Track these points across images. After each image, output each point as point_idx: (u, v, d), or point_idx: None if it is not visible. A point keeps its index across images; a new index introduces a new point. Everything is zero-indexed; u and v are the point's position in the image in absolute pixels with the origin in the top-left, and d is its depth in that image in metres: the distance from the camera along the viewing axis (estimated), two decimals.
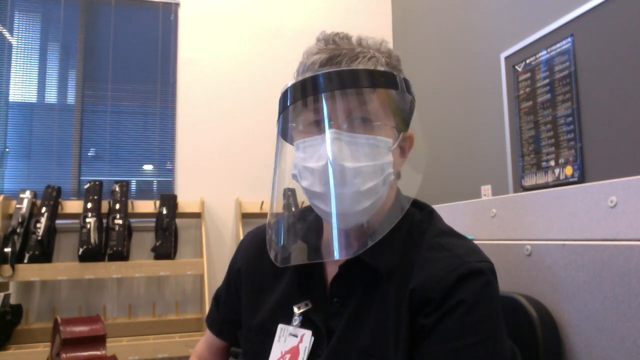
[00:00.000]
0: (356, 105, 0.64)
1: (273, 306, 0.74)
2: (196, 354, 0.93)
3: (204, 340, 0.92)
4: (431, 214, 0.74)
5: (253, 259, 0.82)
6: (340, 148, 0.62)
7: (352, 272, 0.68)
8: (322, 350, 0.67)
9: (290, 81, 0.66)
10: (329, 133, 0.62)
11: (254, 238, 0.85)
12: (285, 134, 0.72)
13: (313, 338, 0.68)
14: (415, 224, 0.71)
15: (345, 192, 0.62)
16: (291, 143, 0.71)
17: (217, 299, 0.90)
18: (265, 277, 0.78)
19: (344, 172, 0.61)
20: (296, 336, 0.69)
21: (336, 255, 0.66)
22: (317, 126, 0.65)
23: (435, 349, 0.60)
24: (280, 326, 0.71)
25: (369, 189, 0.63)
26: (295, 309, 0.71)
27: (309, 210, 0.77)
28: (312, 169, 0.64)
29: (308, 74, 0.64)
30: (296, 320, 0.70)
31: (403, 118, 0.70)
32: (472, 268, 0.62)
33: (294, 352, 0.68)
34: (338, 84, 0.62)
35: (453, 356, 0.59)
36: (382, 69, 0.65)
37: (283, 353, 0.69)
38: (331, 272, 0.72)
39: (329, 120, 0.63)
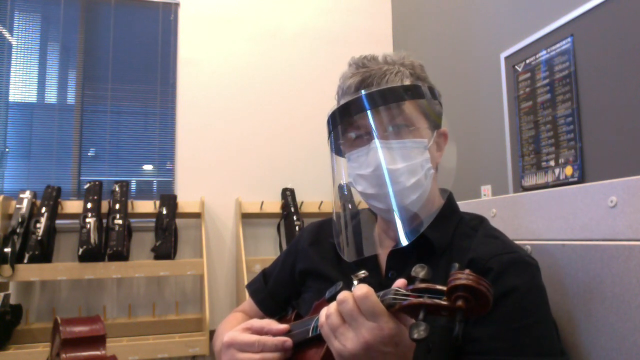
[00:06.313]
0: (389, 117, 0.75)
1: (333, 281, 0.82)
2: (240, 310, 1.00)
3: (239, 309, 1.01)
4: (482, 219, 0.83)
5: (314, 244, 0.93)
6: (383, 154, 0.74)
7: (408, 246, 0.76)
8: None
9: (334, 105, 0.79)
10: (373, 143, 0.74)
11: (315, 229, 0.97)
12: (337, 149, 0.84)
13: None
14: (465, 221, 0.81)
15: (395, 189, 0.74)
16: (342, 156, 0.83)
17: (265, 274, 1.01)
18: (323, 261, 0.88)
19: (390, 173, 0.74)
20: None
21: (403, 241, 0.75)
22: (362, 139, 0.77)
23: (492, 329, 0.67)
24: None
25: (413, 184, 0.75)
26: (353, 277, 0.79)
27: (362, 210, 0.92)
28: (363, 175, 0.76)
29: (347, 98, 0.76)
30: (355, 285, 0.77)
31: (434, 118, 0.81)
32: (525, 258, 0.72)
33: None
34: (372, 103, 0.74)
35: (509, 335, 0.66)
36: (408, 82, 0.77)
37: None
38: (384, 251, 0.82)
39: (370, 133, 0.75)
